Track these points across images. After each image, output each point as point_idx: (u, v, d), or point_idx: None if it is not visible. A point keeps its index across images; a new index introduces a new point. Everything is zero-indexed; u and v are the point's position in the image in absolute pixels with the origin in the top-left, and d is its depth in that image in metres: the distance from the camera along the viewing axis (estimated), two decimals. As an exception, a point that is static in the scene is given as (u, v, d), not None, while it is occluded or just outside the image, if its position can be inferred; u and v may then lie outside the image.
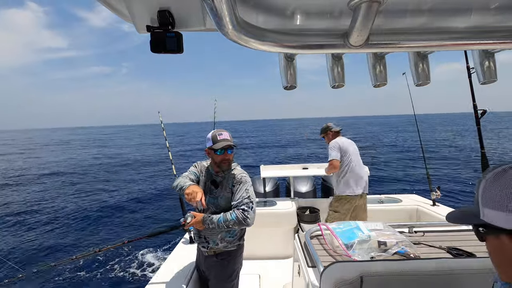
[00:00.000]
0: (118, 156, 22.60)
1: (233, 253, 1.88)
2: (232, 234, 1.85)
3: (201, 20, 0.88)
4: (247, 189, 1.78)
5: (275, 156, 18.66)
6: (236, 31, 0.78)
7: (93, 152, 26.74)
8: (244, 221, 1.69)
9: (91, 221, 7.76)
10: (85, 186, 11.95)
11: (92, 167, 17.15)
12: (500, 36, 0.92)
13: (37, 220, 8.05)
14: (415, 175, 11.81)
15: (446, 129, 38.40)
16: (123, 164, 17.80)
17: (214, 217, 1.74)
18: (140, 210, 8.50)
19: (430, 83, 1.31)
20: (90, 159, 21.57)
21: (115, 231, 7.01)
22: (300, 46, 0.89)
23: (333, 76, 1.27)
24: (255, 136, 40.92)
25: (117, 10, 0.90)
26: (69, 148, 33.05)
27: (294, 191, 3.91)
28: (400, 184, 10.69)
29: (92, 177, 13.76)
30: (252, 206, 1.75)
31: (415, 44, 0.92)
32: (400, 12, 0.89)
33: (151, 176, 13.08)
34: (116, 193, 10.56)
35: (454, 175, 11.63)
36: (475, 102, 1.75)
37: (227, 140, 1.80)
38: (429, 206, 3.32)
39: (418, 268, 1.21)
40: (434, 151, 17.47)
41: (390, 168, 13.65)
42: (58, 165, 18.61)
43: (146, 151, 25.80)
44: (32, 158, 23.09)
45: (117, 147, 32.11)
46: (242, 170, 1.90)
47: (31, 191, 11.35)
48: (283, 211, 3.32)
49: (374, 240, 1.69)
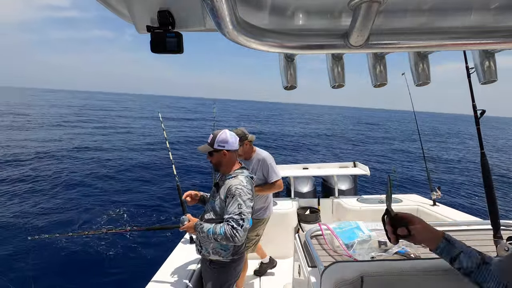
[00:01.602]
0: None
1: (226, 265, 1.79)
2: (224, 247, 1.76)
3: (201, 20, 0.88)
4: (239, 204, 1.62)
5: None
6: (236, 31, 0.78)
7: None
8: (232, 238, 1.57)
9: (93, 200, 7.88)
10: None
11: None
12: (500, 36, 0.92)
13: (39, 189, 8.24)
14: (415, 175, 11.82)
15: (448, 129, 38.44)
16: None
17: (205, 226, 1.68)
18: (145, 199, 8.55)
19: (430, 83, 1.31)
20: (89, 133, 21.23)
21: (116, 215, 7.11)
22: (300, 46, 0.89)
23: (333, 76, 1.27)
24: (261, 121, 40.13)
25: (117, 10, 0.90)
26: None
27: (294, 191, 3.91)
28: (401, 184, 10.69)
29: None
30: (243, 224, 1.59)
31: (415, 44, 0.92)
32: (400, 12, 0.89)
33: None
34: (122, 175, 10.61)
35: (454, 175, 11.62)
36: (474, 102, 1.75)
37: (206, 143, 1.82)
38: (429, 206, 3.32)
39: (419, 268, 1.21)
40: (434, 151, 17.50)
41: (390, 168, 13.66)
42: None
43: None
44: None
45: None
46: (240, 180, 1.73)
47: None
48: (283, 211, 3.32)
49: (374, 240, 1.69)
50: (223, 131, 1.83)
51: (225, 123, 31.74)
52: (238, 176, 1.77)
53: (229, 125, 29.36)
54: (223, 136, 1.79)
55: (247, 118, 48.30)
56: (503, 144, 19.55)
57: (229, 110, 70.05)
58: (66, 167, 11.04)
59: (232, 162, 1.84)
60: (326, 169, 4.18)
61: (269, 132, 27.29)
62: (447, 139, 23.29)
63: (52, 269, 4.65)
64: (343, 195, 3.97)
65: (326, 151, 18.87)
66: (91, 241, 5.39)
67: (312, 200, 3.84)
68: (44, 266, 4.69)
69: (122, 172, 11.27)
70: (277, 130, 29.88)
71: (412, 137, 24.02)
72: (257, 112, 69.58)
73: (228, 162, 1.82)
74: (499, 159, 14.30)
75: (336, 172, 3.89)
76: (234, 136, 1.84)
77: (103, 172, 11.01)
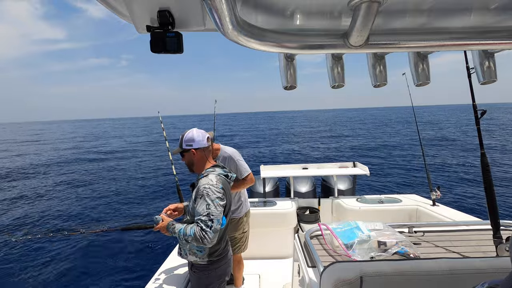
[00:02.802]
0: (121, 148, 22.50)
1: (205, 267, 1.74)
2: (200, 248, 1.70)
3: (201, 20, 0.88)
4: (207, 204, 1.56)
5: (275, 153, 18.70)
6: (236, 31, 0.78)
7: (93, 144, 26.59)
8: (202, 240, 1.51)
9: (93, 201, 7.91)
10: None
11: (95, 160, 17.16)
12: (500, 36, 0.92)
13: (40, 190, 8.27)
14: (415, 175, 11.82)
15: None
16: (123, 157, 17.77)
17: (177, 227, 1.64)
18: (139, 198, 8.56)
19: (430, 83, 1.31)
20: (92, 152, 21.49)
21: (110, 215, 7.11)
22: (300, 46, 0.89)
23: (333, 76, 1.27)
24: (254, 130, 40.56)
25: (117, 10, 0.90)
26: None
27: (294, 191, 3.91)
28: (400, 184, 10.69)
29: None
30: (211, 225, 1.53)
31: (415, 44, 0.92)
32: (400, 12, 0.89)
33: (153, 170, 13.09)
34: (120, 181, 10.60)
35: (454, 175, 11.63)
36: (474, 102, 1.76)
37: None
38: (429, 206, 3.32)
39: (418, 268, 1.21)
40: (434, 150, 17.50)
41: (390, 168, 13.66)
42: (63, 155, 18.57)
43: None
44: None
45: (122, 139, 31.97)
46: (210, 179, 1.65)
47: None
48: (283, 211, 3.32)
49: (374, 240, 1.69)
50: (190, 130, 1.80)
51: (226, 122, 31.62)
52: (209, 174, 1.70)
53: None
54: (190, 135, 1.75)
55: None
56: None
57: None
58: (57, 169, 11.03)
59: (203, 160, 1.77)
60: (326, 169, 4.18)
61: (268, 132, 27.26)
62: (447, 137, 23.29)
63: (37, 269, 4.64)
64: (342, 195, 3.97)
65: (326, 151, 18.88)
66: (83, 240, 5.40)
67: (311, 200, 3.84)
68: (29, 265, 4.69)
69: (122, 172, 11.27)
70: (277, 131, 29.86)
71: (412, 137, 24.02)
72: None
73: (198, 161, 1.76)
74: (499, 159, 14.34)
75: (336, 172, 3.89)
76: (201, 133, 1.78)
77: (101, 174, 11.02)
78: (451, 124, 35.87)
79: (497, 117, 47.15)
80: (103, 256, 5.11)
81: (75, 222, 6.42)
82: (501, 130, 26.76)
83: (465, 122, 37.06)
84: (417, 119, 3.75)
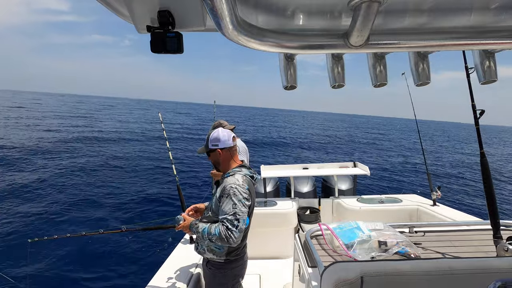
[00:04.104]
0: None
1: (222, 266, 1.75)
2: (219, 246, 1.71)
3: (201, 20, 0.88)
4: (234, 204, 1.56)
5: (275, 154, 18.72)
6: (236, 31, 0.78)
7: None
8: (227, 240, 1.52)
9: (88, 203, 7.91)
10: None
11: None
12: (500, 36, 0.92)
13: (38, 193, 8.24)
14: (415, 175, 11.81)
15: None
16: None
17: (200, 226, 1.65)
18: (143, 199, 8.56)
19: (430, 83, 1.31)
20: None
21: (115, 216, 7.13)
22: (300, 46, 0.89)
23: (333, 76, 1.27)
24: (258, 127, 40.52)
25: (117, 10, 0.90)
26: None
27: (294, 191, 3.91)
28: (401, 184, 10.69)
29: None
30: (238, 225, 1.53)
31: (415, 44, 0.92)
32: (400, 12, 0.89)
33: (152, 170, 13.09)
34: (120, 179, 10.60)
35: (454, 175, 11.62)
36: (473, 102, 1.76)
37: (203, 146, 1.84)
38: (429, 206, 3.32)
39: (419, 268, 1.21)
40: (434, 150, 17.48)
41: (390, 168, 13.65)
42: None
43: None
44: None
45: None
46: (236, 179, 1.65)
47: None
48: (283, 211, 3.32)
49: (374, 240, 1.69)
50: (216, 130, 1.81)
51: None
52: (235, 174, 1.70)
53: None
54: (215, 135, 1.76)
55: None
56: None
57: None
58: (62, 168, 11.04)
59: (228, 160, 1.79)
60: (326, 169, 4.18)
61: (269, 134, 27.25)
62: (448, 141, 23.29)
63: (52, 271, 4.67)
64: (343, 195, 3.97)
65: (326, 151, 18.87)
66: (89, 241, 5.41)
67: (312, 200, 3.84)
68: (44, 267, 4.72)
69: (121, 172, 11.27)
70: (277, 132, 29.85)
71: (412, 137, 24.01)
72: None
73: (224, 160, 1.78)
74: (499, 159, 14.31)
75: (336, 172, 3.89)
76: (227, 133, 1.79)
77: (102, 172, 11.01)
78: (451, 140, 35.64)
79: (497, 117, 47.01)
80: (109, 257, 5.14)
81: (83, 223, 6.45)
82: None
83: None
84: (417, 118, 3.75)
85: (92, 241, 5.45)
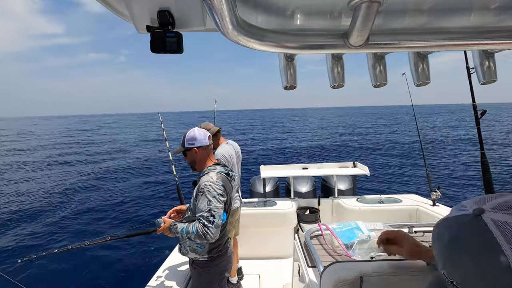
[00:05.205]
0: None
1: (206, 264, 1.76)
2: (200, 245, 1.73)
3: (201, 20, 0.88)
4: (208, 200, 1.59)
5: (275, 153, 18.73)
6: (236, 31, 0.78)
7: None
8: (204, 236, 1.54)
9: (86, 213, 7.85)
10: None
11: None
12: (500, 36, 0.92)
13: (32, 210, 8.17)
14: (415, 175, 11.82)
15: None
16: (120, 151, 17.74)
17: (179, 227, 1.66)
18: (136, 205, 8.54)
19: (430, 83, 1.31)
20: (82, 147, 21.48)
21: (112, 224, 7.08)
22: (300, 46, 0.89)
23: (333, 76, 1.27)
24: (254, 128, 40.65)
25: (117, 10, 0.90)
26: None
27: (294, 191, 3.91)
28: (400, 184, 10.69)
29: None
30: (214, 221, 1.56)
31: (415, 44, 0.92)
32: (400, 12, 0.89)
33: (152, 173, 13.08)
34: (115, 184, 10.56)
35: (454, 175, 11.63)
36: (474, 102, 1.76)
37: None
38: (429, 206, 3.32)
39: (419, 268, 1.21)
40: (434, 150, 17.50)
41: (390, 168, 13.66)
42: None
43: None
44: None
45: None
46: (210, 176, 1.67)
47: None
48: (283, 211, 3.32)
49: (374, 240, 1.69)
50: (192, 130, 1.81)
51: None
52: (210, 172, 1.72)
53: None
54: (191, 134, 1.77)
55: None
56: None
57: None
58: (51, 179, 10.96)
59: (204, 159, 1.81)
60: (326, 169, 4.18)
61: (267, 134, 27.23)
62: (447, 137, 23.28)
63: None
64: (342, 195, 3.97)
65: (326, 151, 18.88)
66: (77, 254, 5.28)
67: (311, 200, 3.84)
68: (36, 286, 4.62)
69: (119, 174, 11.26)
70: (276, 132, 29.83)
71: (412, 138, 24.03)
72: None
73: (201, 159, 1.80)
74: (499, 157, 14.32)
75: (336, 172, 3.89)
76: (203, 132, 1.80)
77: (98, 179, 11.00)
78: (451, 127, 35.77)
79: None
80: (106, 264, 5.10)
81: (76, 235, 6.36)
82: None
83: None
84: (416, 117, 3.75)
85: (79, 253, 5.31)
